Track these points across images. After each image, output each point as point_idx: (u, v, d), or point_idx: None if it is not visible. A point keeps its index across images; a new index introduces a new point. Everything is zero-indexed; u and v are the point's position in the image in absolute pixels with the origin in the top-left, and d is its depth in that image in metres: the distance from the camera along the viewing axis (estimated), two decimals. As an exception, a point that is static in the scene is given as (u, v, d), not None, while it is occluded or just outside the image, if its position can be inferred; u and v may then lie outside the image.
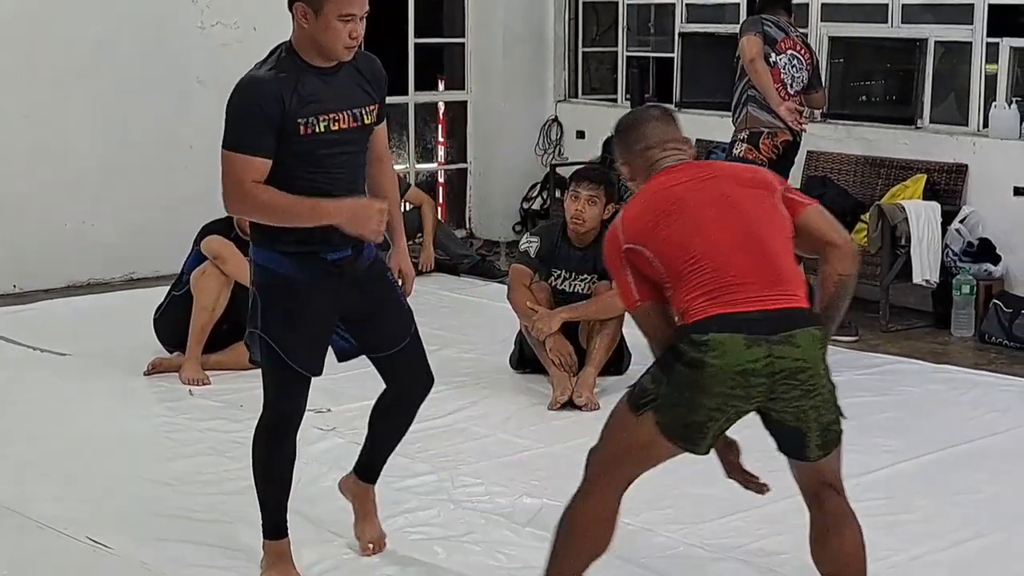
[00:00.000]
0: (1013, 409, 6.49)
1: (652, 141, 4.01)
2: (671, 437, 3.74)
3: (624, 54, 10.86)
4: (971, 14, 8.59)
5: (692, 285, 3.73)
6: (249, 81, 4.04)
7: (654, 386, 3.74)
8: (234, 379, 6.70)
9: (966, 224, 8.33)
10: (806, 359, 3.68)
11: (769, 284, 3.73)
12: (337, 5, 3.98)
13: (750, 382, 3.64)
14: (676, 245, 3.77)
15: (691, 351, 3.66)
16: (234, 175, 4.01)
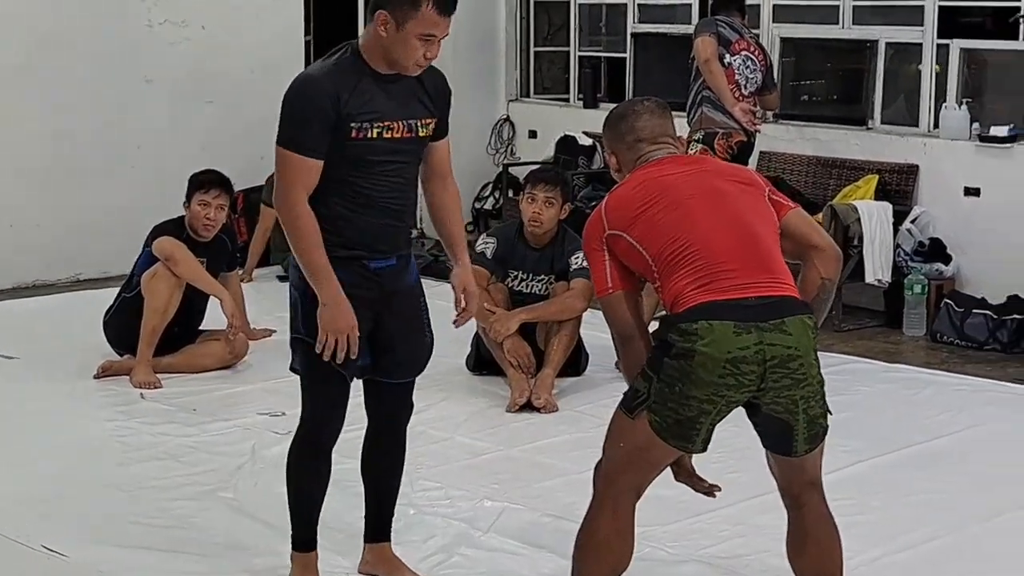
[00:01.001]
0: (967, 409, 6.52)
1: (644, 134, 3.96)
2: (665, 436, 3.69)
3: (576, 54, 10.86)
4: (921, 16, 8.64)
5: (681, 274, 3.69)
6: (306, 77, 3.96)
7: (645, 385, 3.70)
8: (186, 382, 6.65)
9: (917, 224, 8.38)
10: (797, 347, 3.64)
11: (759, 272, 3.70)
12: (422, 23, 3.88)
13: (741, 370, 3.59)
14: (664, 233, 3.73)
15: (680, 341, 3.62)
16: (287, 175, 3.93)
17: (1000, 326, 7.68)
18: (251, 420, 6.10)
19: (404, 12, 3.86)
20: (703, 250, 3.70)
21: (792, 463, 3.82)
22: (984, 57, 8.68)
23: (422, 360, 4.31)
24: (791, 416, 3.70)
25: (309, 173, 3.92)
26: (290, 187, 3.93)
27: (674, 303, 3.70)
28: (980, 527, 5.01)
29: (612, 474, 3.80)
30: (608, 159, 4.08)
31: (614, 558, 3.81)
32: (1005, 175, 8.16)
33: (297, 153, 3.91)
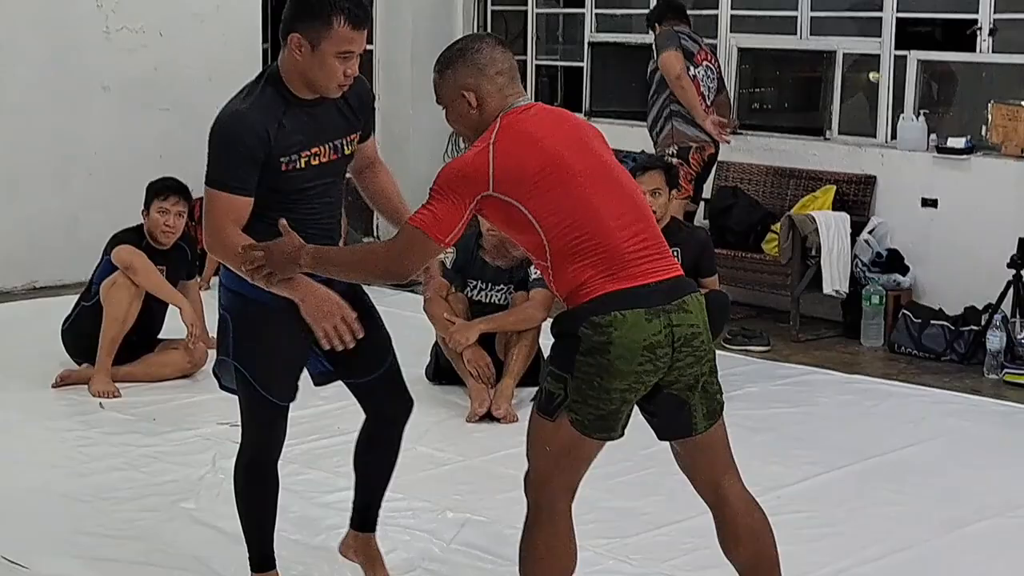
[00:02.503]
0: (927, 420, 6.56)
1: (503, 67, 3.73)
2: (589, 432, 3.63)
3: (533, 63, 10.86)
4: (879, 27, 8.69)
5: (583, 264, 3.57)
6: (232, 116, 3.86)
7: (559, 386, 3.61)
8: (146, 391, 6.61)
9: (875, 235, 8.42)
10: (698, 324, 3.64)
11: (655, 256, 3.65)
12: (336, 42, 3.78)
13: (656, 354, 3.56)
14: (563, 215, 3.58)
15: (594, 334, 3.53)
16: (216, 215, 3.86)
17: (957, 337, 7.72)
18: (211, 430, 6.06)
19: (317, 32, 3.78)
20: (604, 239, 3.58)
21: (700, 447, 3.75)
22: (941, 68, 8.73)
23: (385, 349, 4.25)
24: (690, 392, 3.66)
25: (240, 210, 3.87)
26: (222, 225, 3.86)
27: (574, 293, 3.59)
28: (942, 538, 5.03)
29: (543, 480, 3.72)
30: (456, 101, 3.73)
31: (560, 564, 3.75)
32: (962, 186, 8.22)
33: (227, 193, 3.85)
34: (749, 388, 7.01)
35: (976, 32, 8.29)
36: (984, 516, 5.24)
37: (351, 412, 5.11)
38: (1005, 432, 6.42)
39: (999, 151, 8.17)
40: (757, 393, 6.93)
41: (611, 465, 5.72)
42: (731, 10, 9.43)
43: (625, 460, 5.76)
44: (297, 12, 3.82)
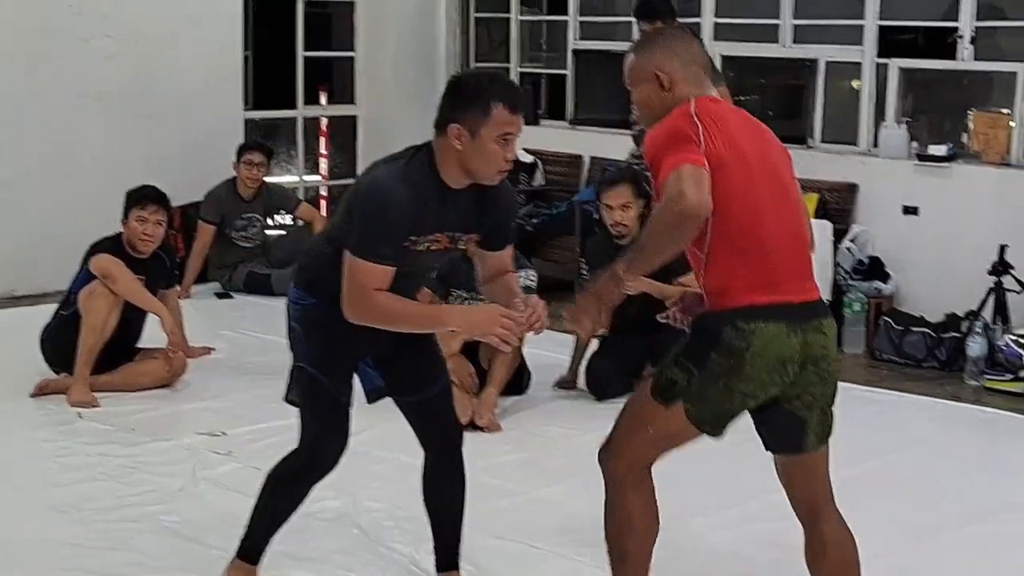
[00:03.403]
0: (908, 426, 6.57)
1: (700, 59, 3.87)
2: (700, 425, 3.76)
3: (517, 70, 10.86)
4: (861, 35, 8.70)
5: (740, 263, 3.68)
6: (392, 195, 3.84)
7: (684, 376, 3.73)
8: (125, 401, 6.57)
9: (856, 242, 8.44)
10: (828, 347, 3.79)
11: (803, 277, 3.77)
12: (497, 126, 3.82)
13: (786, 369, 3.70)
14: (735, 209, 3.63)
15: (735, 338, 3.65)
16: (363, 282, 3.86)
17: (938, 344, 7.73)
18: (191, 440, 6.03)
19: (476, 120, 3.82)
20: (764, 247, 3.69)
21: (804, 465, 3.91)
22: (923, 76, 8.75)
23: (440, 372, 4.29)
24: (808, 411, 3.82)
25: (385, 279, 3.89)
26: (367, 292, 3.88)
27: (723, 292, 3.71)
28: (923, 544, 5.04)
29: (636, 458, 3.85)
30: (648, 83, 3.81)
31: (654, 530, 3.91)
32: (943, 194, 8.24)
33: (377, 263, 3.86)
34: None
35: (957, 40, 8.31)
36: (961, 523, 5.25)
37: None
38: (985, 438, 6.44)
39: (980, 159, 8.20)
40: (739, 401, 6.92)
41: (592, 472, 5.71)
42: (714, 18, 9.44)
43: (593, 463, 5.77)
44: (455, 102, 3.87)
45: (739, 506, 5.34)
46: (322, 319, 4.05)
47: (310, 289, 4.09)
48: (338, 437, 4.15)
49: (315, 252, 4.16)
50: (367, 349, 4.14)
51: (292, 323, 4.14)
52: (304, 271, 4.15)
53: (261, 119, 10.90)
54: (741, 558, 4.90)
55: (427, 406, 4.27)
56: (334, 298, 3.96)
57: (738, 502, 5.37)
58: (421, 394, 4.25)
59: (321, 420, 4.13)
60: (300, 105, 10.80)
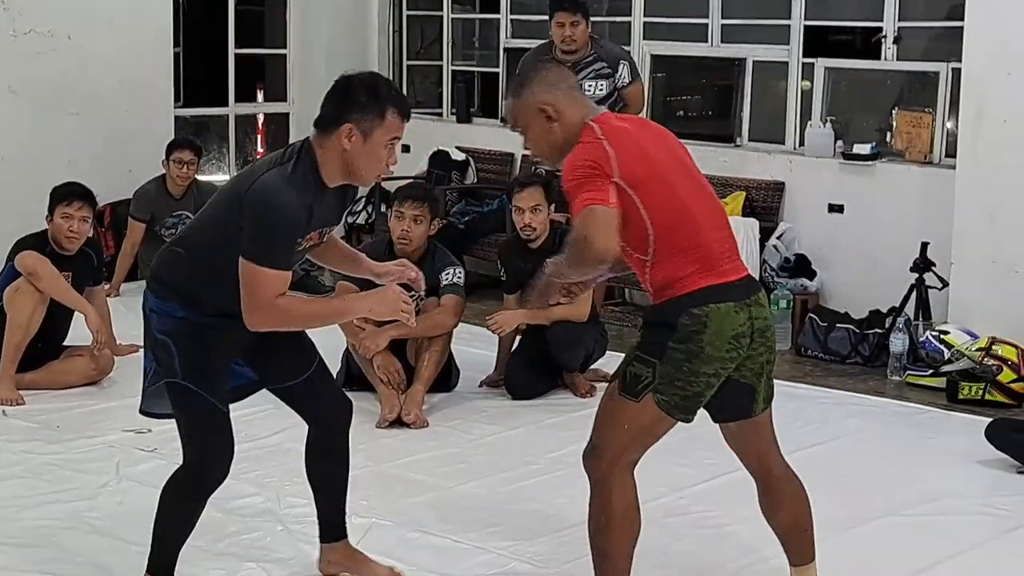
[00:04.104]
0: (830, 421, 6.65)
1: (572, 83, 4.13)
2: (672, 413, 3.94)
3: (449, 68, 10.88)
4: (788, 35, 8.80)
5: (682, 260, 3.89)
6: (282, 201, 3.87)
7: (647, 370, 3.91)
8: (49, 399, 6.56)
9: (783, 240, 8.52)
10: (769, 318, 4.04)
11: (734, 254, 4.02)
12: (388, 131, 3.95)
13: (740, 343, 3.91)
14: (669, 216, 3.89)
15: (691, 324, 3.85)
16: (263, 290, 3.88)
17: (862, 340, 7.83)
18: (116, 437, 6.03)
19: (371, 122, 3.92)
20: (701, 239, 3.92)
21: (754, 427, 4.14)
22: (848, 76, 8.85)
23: (310, 355, 4.32)
24: (756, 379, 4.03)
25: (284, 284, 3.93)
26: (270, 300, 3.90)
27: (670, 285, 3.90)
28: (841, 536, 5.09)
29: (616, 455, 4.00)
30: (536, 119, 4.00)
31: (635, 529, 4.05)
32: (868, 192, 8.34)
33: (276, 270, 3.89)
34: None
35: (881, 40, 8.42)
36: (881, 514, 5.33)
37: (260, 418, 5.17)
38: (905, 432, 6.53)
39: (903, 157, 8.30)
40: (665, 397, 6.98)
41: (518, 468, 5.79)
42: (644, 17, 9.50)
43: (533, 463, 5.83)
44: (348, 103, 3.94)
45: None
46: (195, 330, 4.03)
47: (174, 299, 4.05)
48: (224, 447, 4.11)
49: (171, 258, 4.12)
50: (237, 349, 4.14)
51: (159, 335, 4.07)
52: (163, 280, 4.10)
53: (192, 116, 10.86)
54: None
55: (309, 386, 4.29)
56: (202, 305, 3.99)
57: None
58: (297, 378, 4.27)
59: (204, 433, 4.09)
60: (232, 103, 10.78)
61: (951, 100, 8.08)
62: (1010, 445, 5.96)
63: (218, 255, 3.96)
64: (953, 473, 5.93)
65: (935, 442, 6.37)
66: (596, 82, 7.49)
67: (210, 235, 4.02)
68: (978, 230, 7.53)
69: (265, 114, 11.43)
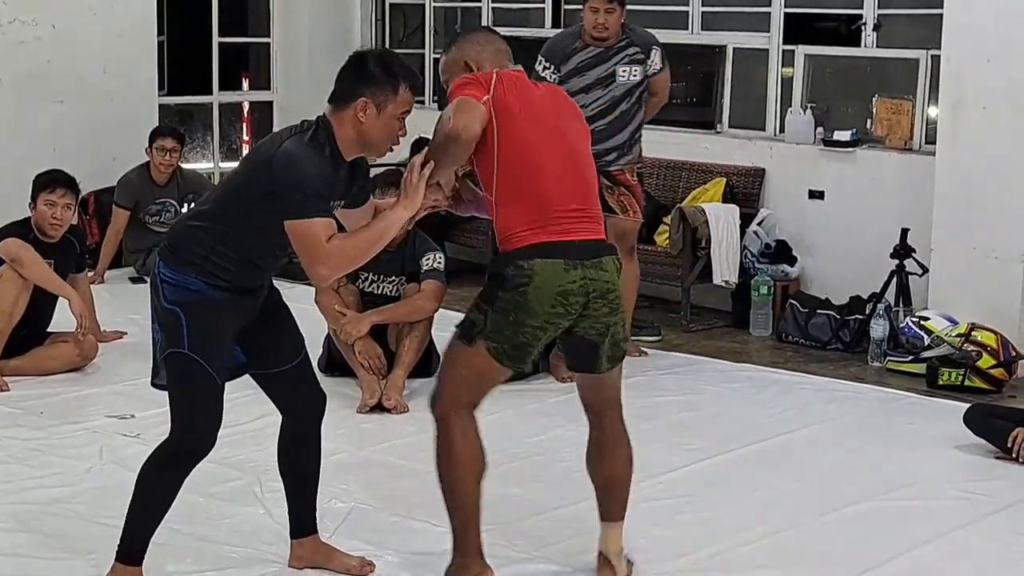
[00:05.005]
0: (809, 406, 6.69)
1: (501, 47, 4.40)
2: (502, 360, 4.16)
3: (431, 56, 10.89)
4: (768, 22, 8.83)
5: (520, 209, 4.13)
6: (310, 161, 4.00)
7: (481, 316, 4.15)
8: (34, 385, 6.59)
9: (763, 226, 8.56)
10: (612, 281, 4.21)
11: (584, 219, 4.19)
12: (401, 105, 4.11)
13: (568, 301, 4.11)
14: (518, 158, 4.13)
15: (516, 275, 4.08)
16: (316, 241, 3.98)
17: (843, 326, 7.87)
18: (99, 423, 6.05)
19: (385, 97, 4.08)
20: (542, 192, 4.13)
21: (596, 379, 4.34)
22: (828, 63, 8.89)
23: (299, 345, 4.39)
24: (600, 338, 4.23)
25: (331, 228, 4.03)
26: (323, 245, 3.98)
27: (508, 237, 4.14)
28: (819, 521, 5.15)
29: (455, 397, 4.23)
30: (458, 73, 4.31)
31: (477, 465, 4.26)
32: (848, 178, 8.37)
33: (320, 216, 3.99)
34: (638, 377, 7.10)
35: (861, 27, 8.46)
36: (859, 499, 5.37)
37: (242, 403, 5.19)
38: (884, 418, 6.57)
39: (883, 144, 8.34)
40: (645, 382, 7.03)
41: (498, 452, 5.80)
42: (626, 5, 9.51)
43: (514, 448, 5.86)
44: (363, 78, 4.09)
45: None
46: (207, 303, 4.09)
47: (190, 270, 4.09)
48: (216, 420, 4.16)
49: (191, 232, 4.15)
50: (239, 326, 4.20)
51: (167, 305, 4.11)
52: (181, 251, 4.13)
53: (176, 105, 10.87)
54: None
55: (292, 376, 4.35)
56: (219, 279, 4.06)
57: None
58: (283, 365, 4.33)
59: (199, 405, 4.13)
60: (216, 91, 10.79)
61: (931, 87, 8.12)
62: (988, 430, 6.01)
63: (244, 222, 4.06)
64: (931, 458, 5.97)
65: (914, 427, 6.41)
66: (630, 67, 7.36)
67: (234, 204, 4.10)
68: (958, 217, 7.57)
69: (250, 102, 11.44)
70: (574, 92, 7.13)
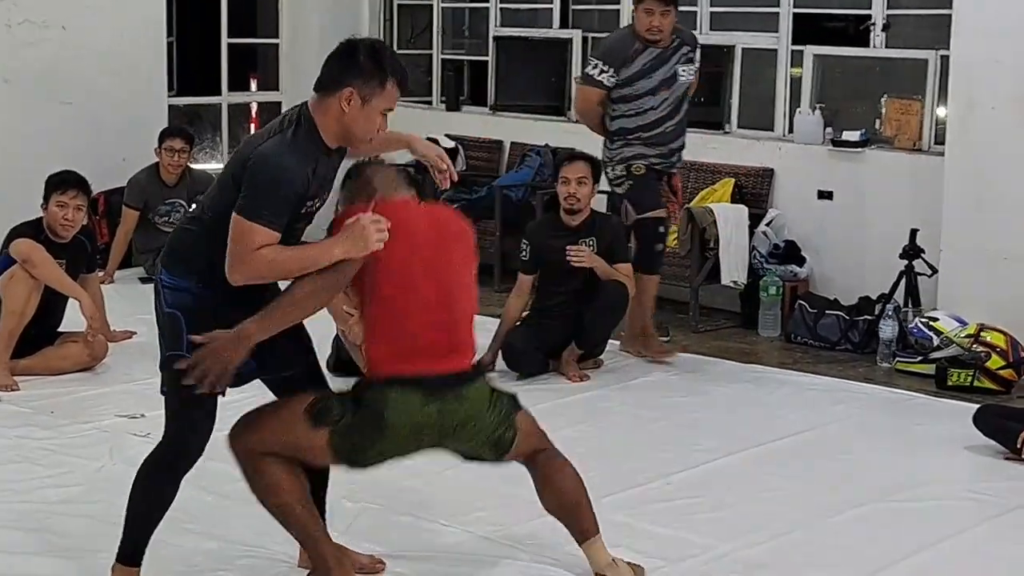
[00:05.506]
0: (818, 407, 6.69)
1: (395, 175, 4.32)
2: (337, 454, 4.13)
3: (439, 56, 10.91)
4: (776, 22, 8.83)
5: (385, 337, 4.10)
6: (279, 156, 3.95)
7: (339, 410, 4.09)
8: (44, 385, 6.60)
9: (772, 227, 8.56)
10: (472, 413, 4.16)
11: (452, 348, 4.16)
12: (386, 100, 4.07)
13: (422, 433, 4.11)
14: (389, 284, 4.07)
15: (374, 404, 4.05)
16: (249, 244, 3.92)
17: (852, 326, 7.87)
18: (110, 422, 6.07)
19: (371, 89, 4.01)
20: (409, 326, 4.08)
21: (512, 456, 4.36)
22: (837, 63, 8.88)
23: (306, 348, 4.38)
24: (472, 451, 4.29)
25: (272, 243, 3.96)
26: (250, 252, 3.93)
27: (372, 362, 4.13)
28: (828, 522, 5.14)
29: (260, 446, 4.12)
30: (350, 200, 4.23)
31: (297, 485, 4.16)
32: (857, 179, 8.37)
33: (265, 227, 3.93)
34: (646, 377, 7.14)
35: (870, 27, 8.46)
36: (868, 500, 5.37)
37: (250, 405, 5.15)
38: (893, 419, 6.57)
39: (892, 144, 8.34)
40: (654, 382, 7.06)
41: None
42: (632, 5, 9.49)
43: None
44: (351, 67, 4.03)
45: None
46: (206, 307, 4.07)
47: (189, 275, 4.09)
48: (208, 426, 4.15)
49: (187, 237, 4.17)
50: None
51: (168, 309, 4.11)
52: (178, 256, 4.14)
53: (185, 105, 10.88)
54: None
55: (301, 378, 4.32)
56: (216, 283, 4.02)
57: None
58: (292, 368, 4.30)
59: (194, 410, 4.12)
60: (225, 91, 10.81)
61: (940, 87, 8.12)
62: (997, 431, 6.00)
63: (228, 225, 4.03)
64: (941, 459, 5.98)
65: (923, 428, 6.41)
66: (687, 67, 7.37)
67: (220, 206, 4.06)
68: (967, 217, 7.58)
69: (258, 103, 11.45)
70: (641, 95, 7.20)
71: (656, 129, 7.30)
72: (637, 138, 7.30)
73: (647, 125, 7.29)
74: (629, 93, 7.27)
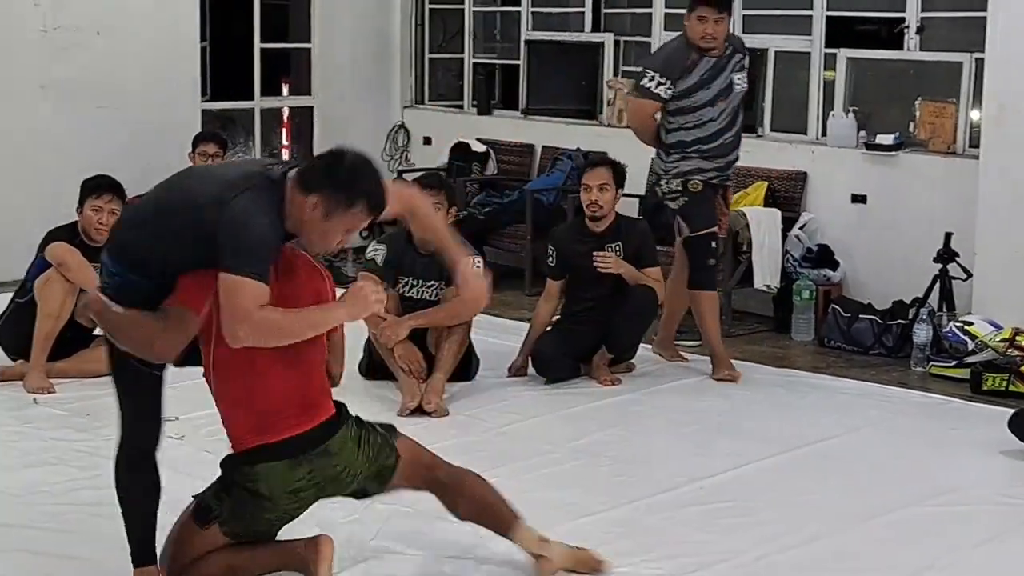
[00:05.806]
0: (852, 412, 6.66)
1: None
2: (239, 538, 4.27)
3: (470, 61, 10.93)
4: (810, 25, 8.81)
5: (241, 413, 4.15)
6: (259, 214, 3.92)
7: (217, 504, 4.25)
8: (80, 387, 6.62)
9: (805, 230, 8.53)
10: (339, 462, 4.23)
11: (309, 404, 4.18)
12: (350, 221, 4.01)
13: (300, 495, 4.20)
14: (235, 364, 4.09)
15: (246, 480, 4.16)
16: (246, 300, 3.90)
17: (885, 331, 7.83)
18: (144, 425, 6.08)
19: (337, 206, 3.95)
20: (259, 394, 4.12)
21: (397, 484, 4.45)
22: (870, 66, 8.85)
23: None
24: (358, 492, 4.38)
25: (265, 296, 3.94)
26: (252, 308, 3.90)
27: (234, 438, 4.20)
28: (861, 526, 5.12)
29: (186, 566, 4.28)
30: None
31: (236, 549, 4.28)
32: (891, 182, 8.34)
33: (259, 281, 3.91)
34: (679, 381, 7.13)
35: (904, 30, 8.42)
36: (901, 505, 5.34)
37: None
38: (926, 423, 6.54)
39: (926, 147, 8.30)
40: (686, 386, 7.05)
41: (537, 456, 5.83)
42: (665, 8, 9.52)
43: (554, 452, 5.87)
44: (327, 177, 3.97)
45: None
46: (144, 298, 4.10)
47: (134, 267, 4.12)
48: (151, 412, 4.34)
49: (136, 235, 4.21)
50: None
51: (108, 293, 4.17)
52: (128, 249, 4.17)
53: (218, 110, 10.93)
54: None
55: None
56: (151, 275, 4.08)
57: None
58: None
59: (131, 400, 4.32)
60: (257, 96, 10.84)
61: (974, 90, 8.08)
62: (1033, 436, 5.98)
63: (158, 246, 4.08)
64: (975, 464, 5.95)
65: (958, 433, 6.38)
66: (741, 75, 7.27)
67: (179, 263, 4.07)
68: (1002, 220, 7.53)
69: (290, 108, 11.49)
70: (700, 106, 7.08)
71: (715, 141, 7.15)
72: (696, 151, 7.14)
73: (707, 137, 7.13)
74: (687, 105, 7.08)
